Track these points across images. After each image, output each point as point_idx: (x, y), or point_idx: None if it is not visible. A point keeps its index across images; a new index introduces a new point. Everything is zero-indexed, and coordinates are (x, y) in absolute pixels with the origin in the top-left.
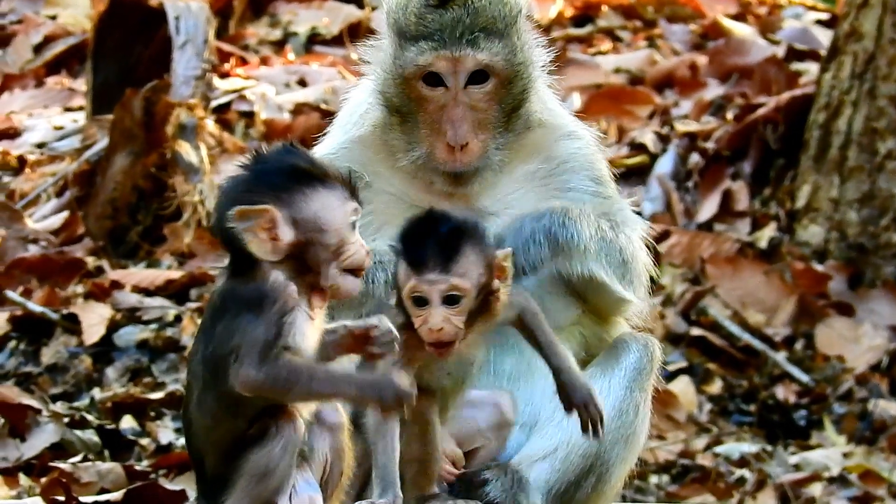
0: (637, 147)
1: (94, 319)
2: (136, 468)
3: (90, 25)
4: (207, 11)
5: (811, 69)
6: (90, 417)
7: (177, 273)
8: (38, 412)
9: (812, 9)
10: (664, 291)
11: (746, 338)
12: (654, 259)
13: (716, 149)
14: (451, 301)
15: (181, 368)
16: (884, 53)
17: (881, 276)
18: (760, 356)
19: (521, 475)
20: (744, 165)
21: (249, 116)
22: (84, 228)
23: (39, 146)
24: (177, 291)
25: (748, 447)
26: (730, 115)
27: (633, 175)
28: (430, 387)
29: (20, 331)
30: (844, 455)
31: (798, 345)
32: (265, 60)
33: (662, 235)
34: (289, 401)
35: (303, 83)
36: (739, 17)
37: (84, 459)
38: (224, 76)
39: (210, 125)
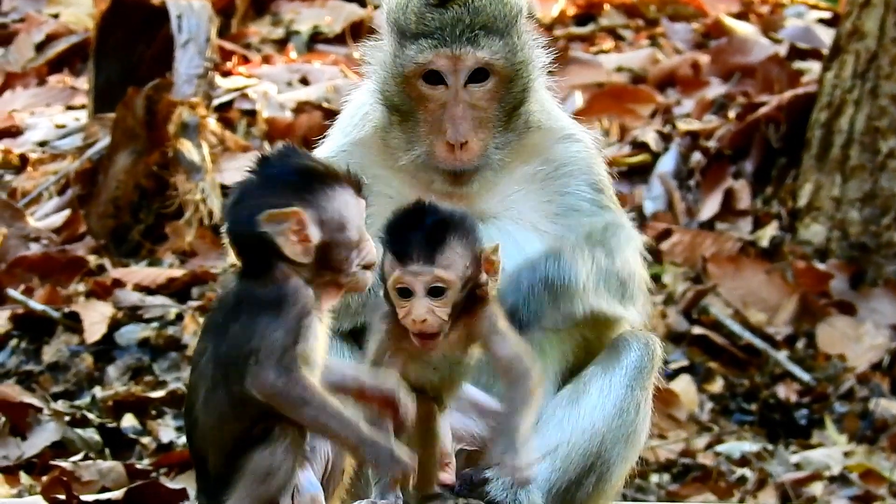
0: (639, 146)
1: (96, 318)
2: (137, 467)
3: (92, 24)
4: (210, 10)
5: (813, 68)
6: (91, 416)
7: (178, 271)
8: (39, 410)
9: (814, 7)
10: (666, 290)
11: (748, 337)
12: (656, 258)
13: (718, 147)
14: (436, 293)
15: (182, 367)
16: (886, 52)
17: (883, 276)
18: (762, 355)
19: None
20: (746, 164)
21: (251, 115)
22: (86, 227)
23: (41, 144)
24: (178, 290)
25: (749, 446)
26: (732, 114)
27: (635, 174)
28: (419, 382)
29: (21, 329)
30: (845, 454)
31: (799, 344)
32: (267, 59)
33: (664, 234)
34: (293, 417)
35: (305, 82)
36: (742, 16)
37: (85, 458)
38: (226, 75)
39: (212, 124)
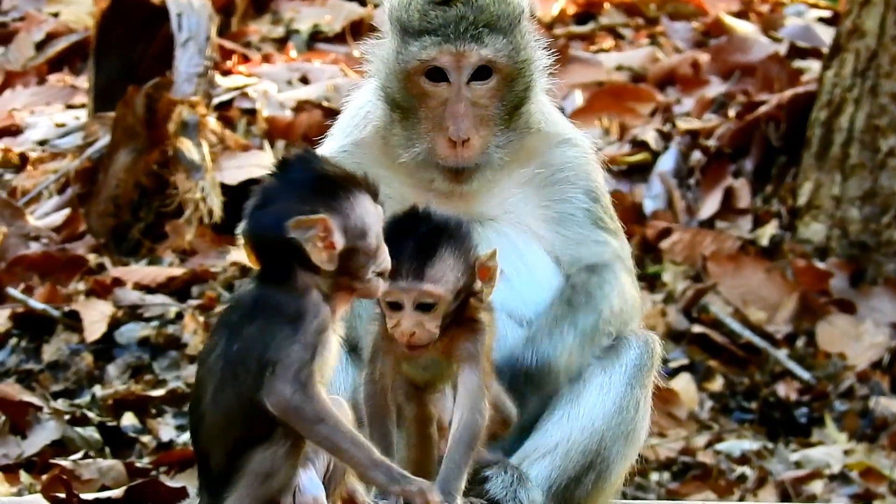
0: (639, 144)
1: (96, 316)
2: (137, 465)
3: (92, 23)
4: (210, 9)
5: (813, 67)
6: (91, 415)
7: (178, 270)
8: (39, 409)
9: (814, 6)
10: (665, 289)
11: (748, 335)
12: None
13: (717, 146)
14: (425, 308)
15: (182, 365)
16: (886, 51)
17: (883, 274)
18: (762, 353)
19: (522, 472)
20: (745, 163)
21: (251, 114)
22: (86, 225)
23: (41, 143)
24: (178, 289)
25: (749, 444)
26: (732, 113)
27: (635, 172)
28: (413, 378)
29: (21, 328)
30: (845, 452)
31: (799, 342)
32: (267, 58)
33: (664, 233)
34: (306, 434)
35: (305, 81)
36: (741, 15)
37: (85, 457)
38: (226, 73)
39: (212, 122)
